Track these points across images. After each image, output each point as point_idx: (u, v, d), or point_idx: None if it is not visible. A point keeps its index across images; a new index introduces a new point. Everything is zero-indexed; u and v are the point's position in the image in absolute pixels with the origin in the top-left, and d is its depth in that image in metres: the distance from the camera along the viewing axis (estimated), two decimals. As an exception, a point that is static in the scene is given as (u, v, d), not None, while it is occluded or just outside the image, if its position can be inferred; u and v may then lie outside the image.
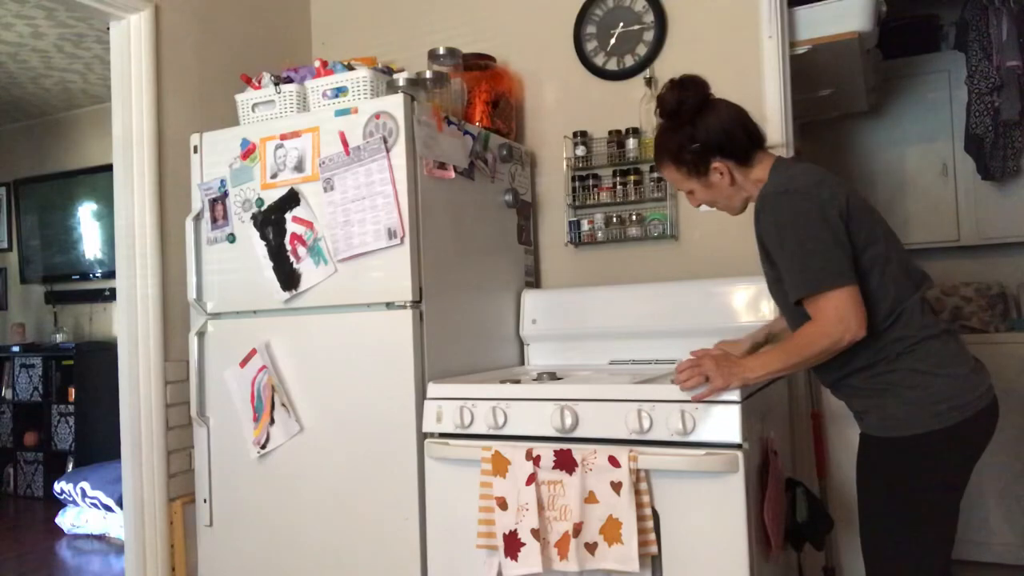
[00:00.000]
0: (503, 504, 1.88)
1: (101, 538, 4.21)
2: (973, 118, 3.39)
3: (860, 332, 1.54)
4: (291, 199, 2.29)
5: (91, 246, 5.57)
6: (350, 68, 2.39)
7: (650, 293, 2.48)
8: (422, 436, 2.10)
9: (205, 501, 2.44)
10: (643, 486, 1.78)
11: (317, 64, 2.44)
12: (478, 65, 2.69)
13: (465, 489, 1.98)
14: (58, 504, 4.52)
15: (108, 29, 2.60)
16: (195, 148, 2.49)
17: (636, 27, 2.73)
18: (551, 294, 2.66)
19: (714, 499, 1.74)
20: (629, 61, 2.74)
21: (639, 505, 1.77)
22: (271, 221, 2.33)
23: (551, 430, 1.89)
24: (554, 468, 1.85)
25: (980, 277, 3.67)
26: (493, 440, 1.96)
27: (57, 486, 4.46)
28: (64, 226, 5.66)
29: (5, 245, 6.03)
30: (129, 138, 2.54)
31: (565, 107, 2.84)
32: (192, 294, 2.44)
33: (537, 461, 1.86)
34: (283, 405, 2.28)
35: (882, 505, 1.62)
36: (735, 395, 1.71)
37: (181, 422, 2.56)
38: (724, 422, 1.73)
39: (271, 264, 2.33)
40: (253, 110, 2.47)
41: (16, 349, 5.50)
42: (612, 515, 1.78)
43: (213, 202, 2.44)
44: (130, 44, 2.55)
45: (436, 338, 2.20)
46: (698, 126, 1.72)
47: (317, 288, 2.26)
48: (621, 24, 2.75)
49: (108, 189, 2.68)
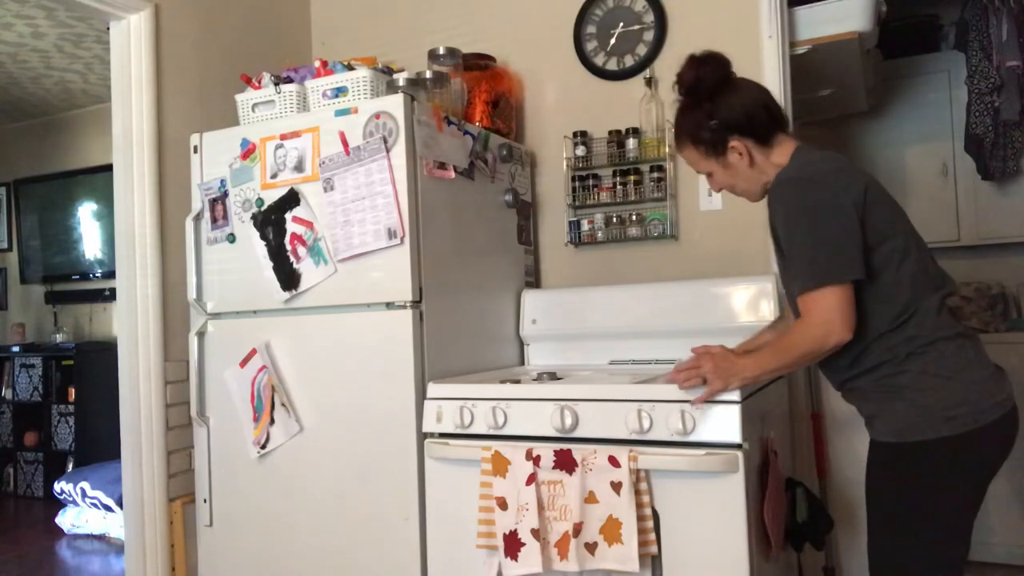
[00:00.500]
0: (503, 504, 1.88)
1: (101, 538, 4.21)
2: (973, 118, 3.40)
3: (844, 335, 1.48)
4: (291, 199, 2.29)
5: (91, 246, 5.57)
6: (350, 68, 2.39)
7: (650, 293, 2.48)
8: (422, 436, 2.10)
9: (205, 501, 2.44)
10: (643, 486, 1.78)
11: (317, 64, 2.44)
12: (478, 65, 2.69)
13: (465, 489, 1.98)
14: (58, 504, 4.52)
15: (108, 29, 2.60)
16: (195, 148, 2.49)
17: (636, 27, 2.73)
18: (551, 294, 2.66)
19: (714, 499, 1.74)
20: (629, 61, 2.74)
21: (639, 505, 1.77)
22: (271, 221, 2.33)
23: (551, 430, 1.89)
24: (554, 468, 1.85)
25: (980, 277, 3.67)
26: (493, 440, 1.96)
27: (57, 486, 4.46)
28: (64, 226, 5.67)
29: (5, 245, 6.04)
30: (129, 138, 2.54)
31: (565, 107, 2.84)
32: (192, 294, 2.44)
33: (537, 461, 1.86)
34: (283, 405, 2.28)
35: (890, 515, 1.55)
36: (735, 395, 1.71)
37: (181, 422, 2.56)
38: (724, 422, 1.73)
39: (271, 264, 2.33)
40: (253, 110, 2.47)
41: (16, 349, 5.50)
42: (612, 515, 1.78)
43: (213, 202, 2.44)
44: (130, 44, 2.55)
45: (436, 338, 2.20)
46: (718, 103, 1.66)
47: (317, 288, 2.26)
48: (621, 24, 2.75)
49: (108, 189, 2.68)
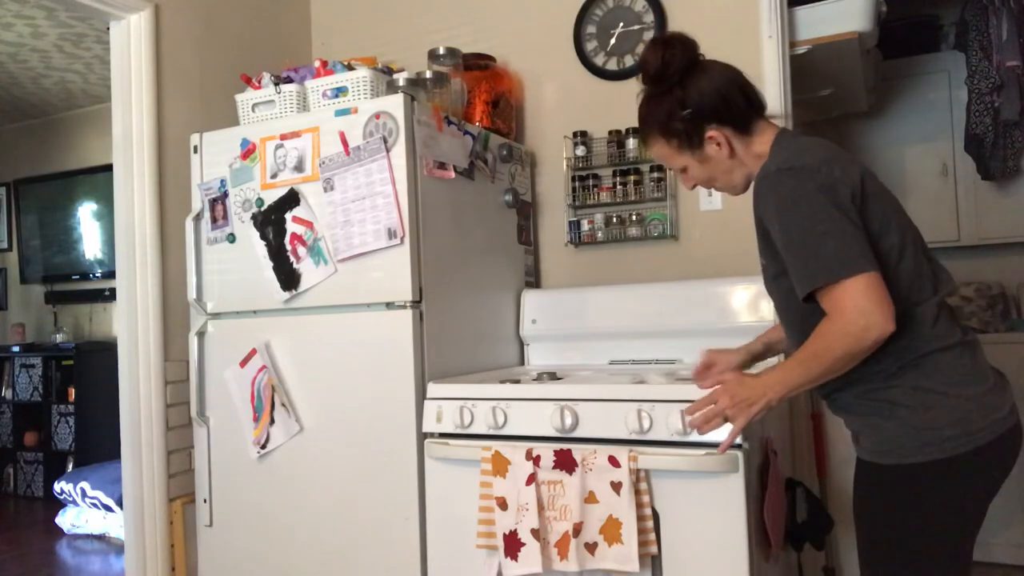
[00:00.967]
0: (503, 504, 1.88)
1: (101, 538, 4.21)
2: (973, 118, 3.40)
3: (887, 326, 1.29)
4: (291, 199, 2.29)
5: (91, 246, 5.57)
6: (350, 68, 2.39)
7: (650, 293, 2.48)
8: (422, 436, 2.10)
9: (205, 501, 2.44)
10: (643, 486, 1.78)
11: (317, 64, 2.44)
12: (478, 65, 2.69)
13: (465, 489, 1.98)
14: (58, 504, 4.52)
15: (108, 29, 2.60)
16: (195, 148, 2.49)
17: (636, 27, 2.73)
18: (551, 294, 2.66)
19: (714, 499, 1.74)
20: (629, 61, 2.74)
21: (639, 505, 1.77)
22: (271, 221, 2.33)
23: (551, 430, 1.89)
24: (554, 468, 1.85)
25: (980, 277, 3.67)
26: (493, 440, 1.96)
27: (57, 486, 4.46)
28: (64, 226, 5.67)
29: (5, 245, 6.04)
30: (129, 138, 2.54)
31: (565, 107, 2.84)
32: (192, 294, 2.45)
33: (537, 461, 1.86)
34: (283, 405, 2.28)
35: (880, 541, 1.42)
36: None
37: (181, 422, 2.56)
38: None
39: (271, 264, 2.33)
40: (253, 110, 2.47)
41: (16, 349, 5.50)
42: (612, 515, 1.78)
43: (213, 202, 2.44)
44: (130, 44, 2.55)
45: (436, 338, 2.20)
46: (688, 89, 1.48)
47: (317, 288, 2.26)
48: (621, 24, 2.75)
49: (108, 189, 2.68)
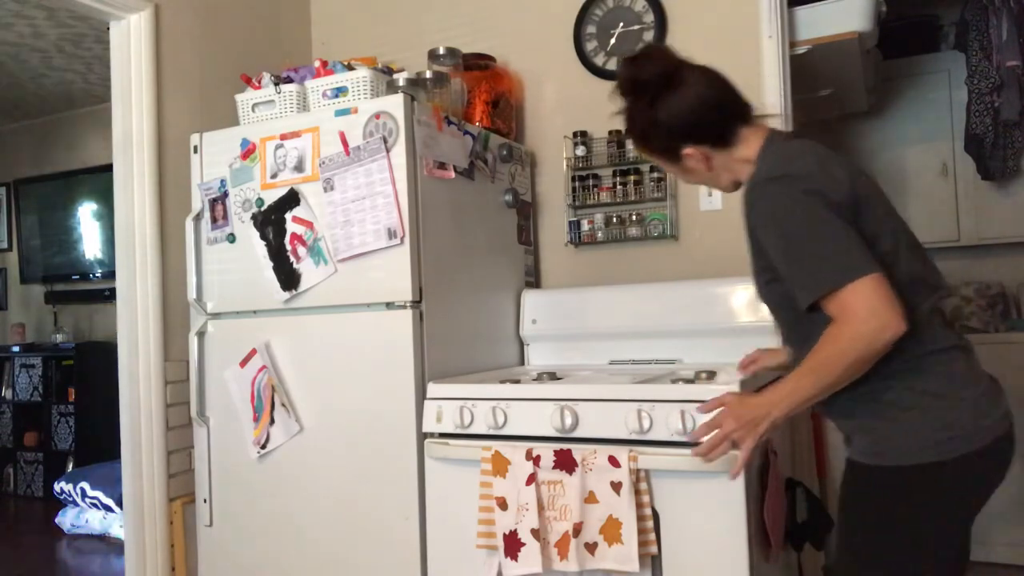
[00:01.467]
0: (503, 504, 1.88)
1: (101, 538, 4.21)
2: (973, 118, 3.40)
3: (901, 325, 1.26)
4: (291, 199, 2.29)
5: (91, 246, 5.57)
6: (350, 68, 2.39)
7: (650, 293, 2.48)
8: (422, 436, 2.10)
9: (205, 501, 2.44)
10: (643, 486, 1.78)
11: (317, 64, 2.44)
12: (478, 65, 2.69)
13: (465, 489, 1.98)
14: (58, 504, 4.52)
15: (108, 29, 2.60)
16: (195, 148, 2.49)
17: (636, 27, 2.73)
18: (551, 294, 2.66)
19: (714, 499, 1.74)
20: (629, 61, 2.74)
21: (639, 505, 1.77)
22: (271, 221, 2.33)
23: (551, 430, 1.89)
24: (554, 468, 1.85)
25: (980, 277, 3.68)
26: (493, 440, 1.96)
27: (57, 486, 4.46)
28: (64, 226, 5.67)
29: (5, 245, 6.04)
30: (129, 138, 2.54)
31: (565, 107, 2.84)
32: (192, 294, 2.45)
33: (537, 461, 1.86)
34: (283, 405, 2.28)
35: (864, 545, 1.40)
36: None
37: (181, 422, 2.56)
38: (724, 422, 1.73)
39: (271, 264, 2.33)
40: (253, 110, 2.47)
41: (16, 349, 5.50)
42: (612, 515, 1.78)
43: (213, 202, 2.44)
44: (130, 44, 2.55)
45: (436, 338, 2.20)
46: (660, 109, 1.47)
47: (317, 288, 2.26)
48: (621, 24, 2.75)
49: (108, 189, 2.68)
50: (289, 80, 2.44)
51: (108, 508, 4.19)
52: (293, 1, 3.26)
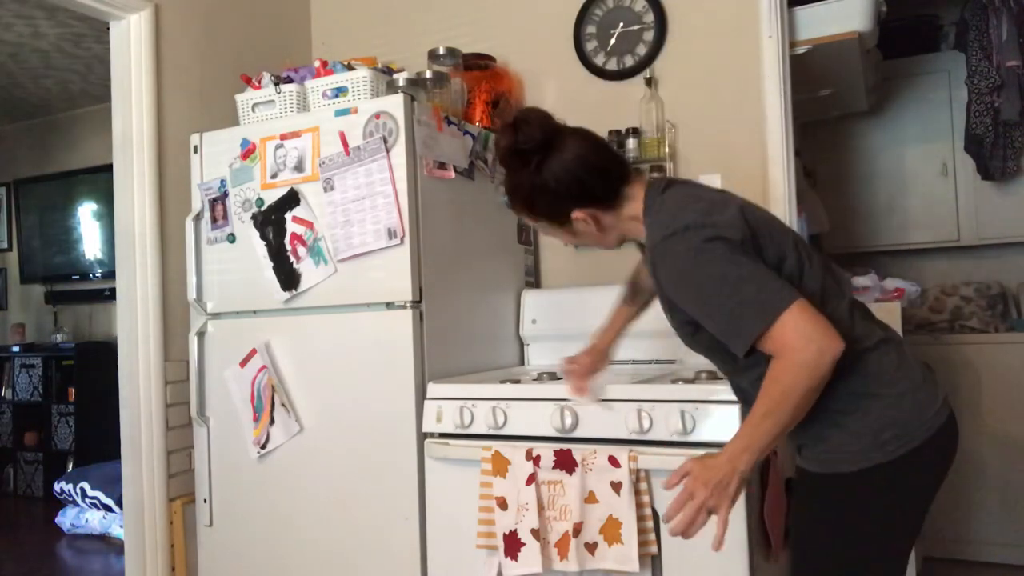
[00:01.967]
0: (503, 504, 1.88)
1: (101, 538, 4.21)
2: (973, 118, 3.40)
3: (836, 343, 1.25)
4: (291, 199, 2.29)
5: (91, 246, 5.57)
6: (350, 68, 2.39)
7: (650, 293, 2.47)
8: (422, 436, 2.10)
9: (205, 501, 2.44)
10: (643, 486, 1.78)
11: (317, 64, 2.44)
12: (478, 65, 2.70)
13: (465, 489, 1.98)
14: (58, 504, 4.52)
15: (108, 29, 2.60)
16: (195, 148, 2.49)
17: (636, 27, 2.73)
18: (551, 294, 2.66)
19: (714, 499, 1.73)
20: (629, 61, 2.74)
21: (639, 505, 1.77)
22: (271, 221, 2.33)
23: (551, 430, 1.89)
24: (554, 468, 1.85)
25: (980, 277, 3.68)
26: (493, 440, 1.96)
27: (57, 486, 4.46)
28: (64, 226, 5.67)
29: (5, 245, 6.04)
30: (129, 138, 2.54)
31: (565, 107, 2.83)
32: (192, 294, 2.45)
33: (537, 461, 1.86)
34: (283, 405, 2.28)
35: (820, 552, 1.39)
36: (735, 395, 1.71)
37: (181, 422, 2.56)
38: (724, 422, 1.73)
39: (271, 264, 2.33)
40: (253, 110, 2.47)
41: (16, 349, 5.50)
42: (612, 515, 1.78)
43: (213, 202, 2.44)
44: (130, 44, 2.55)
45: (436, 338, 2.20)
46: (544, 175, 1.45)
47: (317, 288, 2.26)
48: (621, 24, 2.75)
49: (108, 189, 2.68)
50: (289, 80, 2.44)
51: (108, 508, 4.19)
52: (293, 1, 3.26)
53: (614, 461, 1.79)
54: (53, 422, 5.31)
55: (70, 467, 5.09)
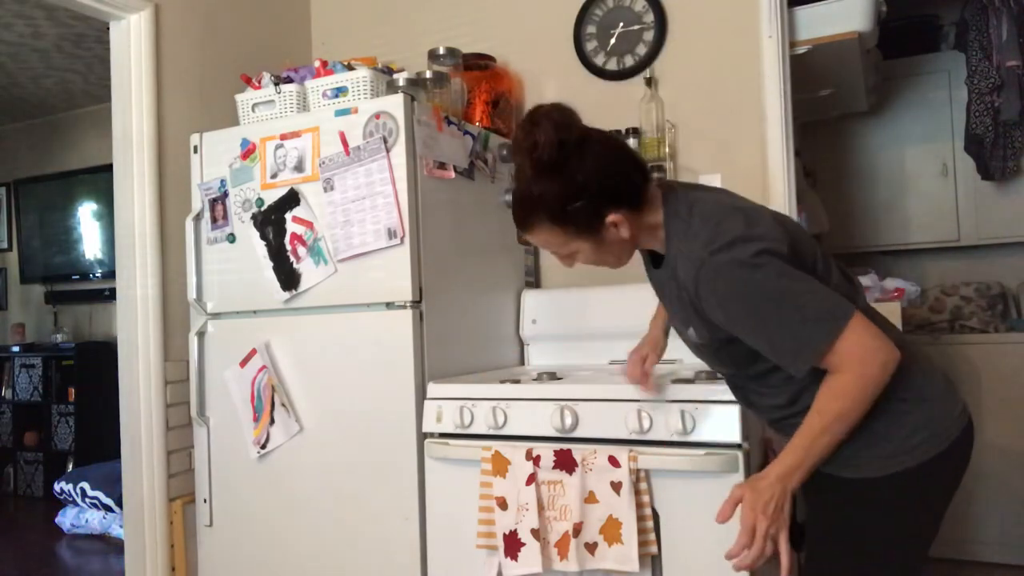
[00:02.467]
0: (503, 504, 1.88)
1: (101, 538, 4.21)
2: (973, 118, 3.39)
3: (896, 352, 1.23)
4: (291, 199, 2.29)
5: (91, 246, 5.57)
6: (350, 68, 2.39)
7: (650, 293, 2.46)
8: (422, 436, 2.10)
9: (205, 501, 2.44)
10: (643, 486, 1.78)
11: (317, 64, 2.44)
12: (478, 65, 2.70)
13: (465, 489, 1.98)
14: (58, 504, 4.52)
15: (108, 29, 2.60)
16: (195, 148, 2.49)
17: (636, 27, 2.73)
18: (551, 294, 2.66)
19: (714, 499, 1.73)
20: (629, 61, 2.74)
21: (639, 505, 1.77)
22: (271, 221, 2.33)
23: (551, 430, 1.89)
24: (554, 468, 1.85)
25: (980, 277, 3.68)
26: (493, 440, 1.96)
27: (57, 486, 4.46)
28: (64, 226, 5.67)
29: (5, 245, 6.04)
30: (129, 138, 2.54)
31: (565, 107, 2.84)
32: (192, 294, 2.45)
33: (537, 461, 1.86)
34: (283, 405, 2.28)
35: (844, 557, 1.37)
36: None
37: (181, 422, 2.56)
38: (724, 422, 1.73)
39: (271, 264, 2.33)
40: (253, 110, 2.47)
41: (16, 349, 5.50)
42: (612, 515, 1.78)
43: (213, 202, 2.44)
44: (130, 44, 2.55)
45: (436, 338, 2.20)
46: (580, 172, 1.31)
47: (317, 288, 2.26)
48: (621, 24, 2.75)
49: (108, 189, 2.68)
50: (289, 80, 2.44)
51: (108, 508, 4.19)
52: (293, 1, 3.26)
53: (614, 461, 1.79)
54: (53, 422, 5.31)
55: (70, 467, 5.09)
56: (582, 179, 1.31)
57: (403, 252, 2.13)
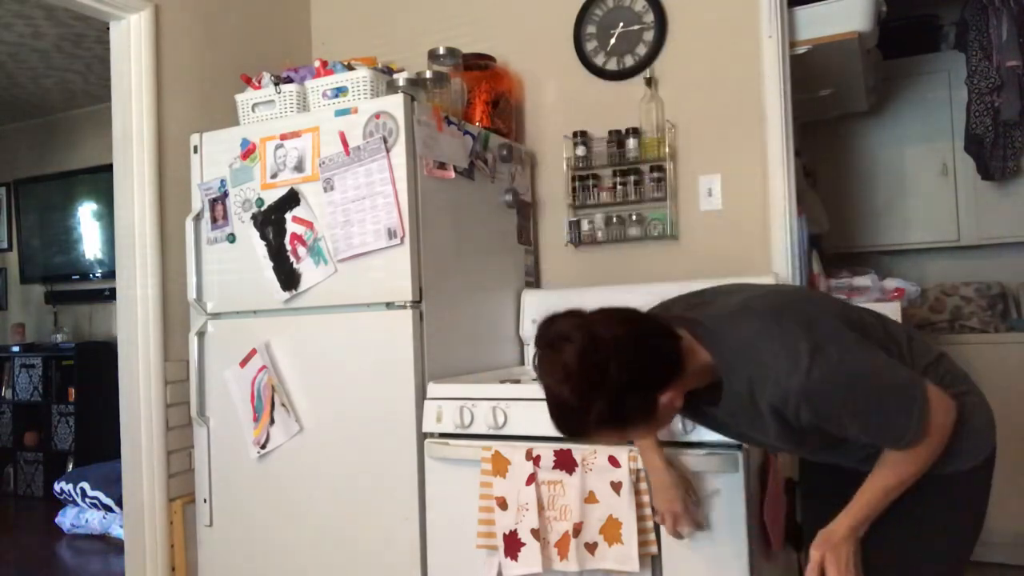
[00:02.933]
0: (503, 504, 1.88)
1: (101, 538, 4.21)
2: (973, 118, 3.39)
3: (953, 407, 1.32)
4: (291, 199, 2.29)
5: (91, 246, 5.57)
6: (350, 68, 2.39)
7: (650, 293, 2.47)
8: (422, 436, 2.10)
9: (205, 501, 2.44)
10: (643, 486, 1.78)
11: (317, 64, 2.44)
12: (478, 65, 2.70)
13: (465, 489, 1.98)
14: (58, 504, 4.52)
15: (108, 29, 2.60)
16: (195, 148, 2.49)
17: (636, 27, 2.73)
18: (551, 294, 2.65)
19: (714, 499, 1.74)
20: (629, 61, 2.74)
21: (639, 505, 1.77)
22: (271, 221, 2.33)
23: (551, 430, 1.88)
24: (554, 468, 1.85)
25: (980, 277, 3.67)
26: (493, 440, 1.96)
27: (57, 486, 4.46)
28: (64, 226, 5.66)
29: (5, 245, 6.03)
30: (129, 138, 2.54)
31: (565, 107, 2.84)
32: (192, 294, 2.45)
33: (537, 461, 1.86)
34: (283, 405, 2.28)
35: (934, 549, 1.43)
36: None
37: (181, 422, 2.56)
38: (724, 422, 1.72)
39: (271, 264, 2.33)
40: (253, 110, 2.47)
41: (16, 349, 5.50)
42: (612, 515, 1.78)
43: (213, 202, 2.44)
44: (130, 44, 2.55)
45: (436, 338, 2.20)
46: (618, 376, 1.23)
47: (317, 288, 2.26)
48: (621, 24, 2.75)
49: (108, 189, 2.68)
50: (289, 80, 2.44)
51: (108, 508, 4.18)
52: (293, 1, 3.26)
53: (614, 461, 1.79)
54: (53, 422, 5.31)
55: (70, 467, 5.08)
56: (626, 379, 1.24)
57: (403, 252, 2.13)
